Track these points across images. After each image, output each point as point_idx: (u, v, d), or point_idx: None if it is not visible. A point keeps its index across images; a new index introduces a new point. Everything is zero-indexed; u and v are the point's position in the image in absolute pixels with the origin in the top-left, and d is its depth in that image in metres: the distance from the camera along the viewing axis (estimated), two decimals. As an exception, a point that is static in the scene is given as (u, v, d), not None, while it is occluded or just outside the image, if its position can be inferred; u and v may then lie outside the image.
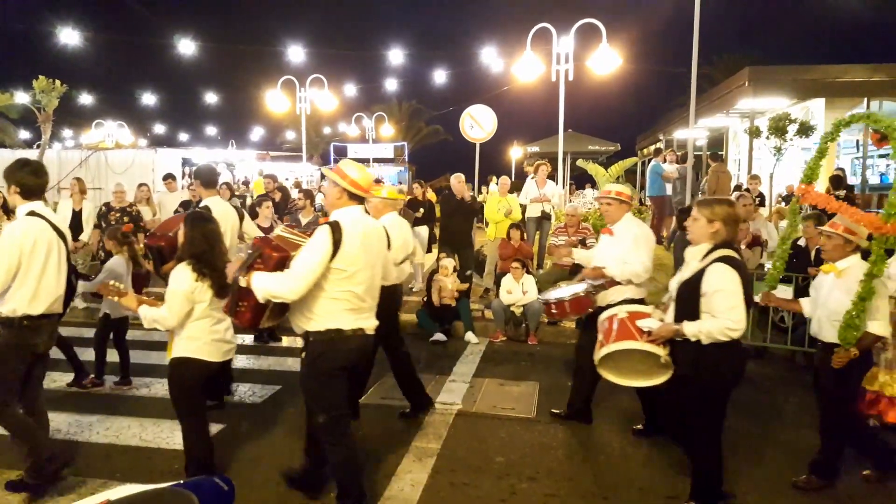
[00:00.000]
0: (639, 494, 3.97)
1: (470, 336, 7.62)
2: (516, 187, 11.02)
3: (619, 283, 4.59)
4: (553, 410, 5.17)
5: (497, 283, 8.30)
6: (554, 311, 4.81)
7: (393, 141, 34.91)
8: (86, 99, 27.33)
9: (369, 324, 3.55)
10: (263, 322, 3.54)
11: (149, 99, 27.17)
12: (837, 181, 10.48)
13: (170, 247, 4.44)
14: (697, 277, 3.43)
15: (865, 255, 3.87)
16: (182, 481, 1.80)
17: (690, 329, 3.42)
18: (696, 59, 10.49)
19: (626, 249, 4.58)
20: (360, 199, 3.52)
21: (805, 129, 13.00)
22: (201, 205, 5.57)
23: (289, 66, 19.65)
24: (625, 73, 15.30)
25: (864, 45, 45.94)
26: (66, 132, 32.97)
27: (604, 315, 4.13)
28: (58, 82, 12.44)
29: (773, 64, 19.78)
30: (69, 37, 16.96)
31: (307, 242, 3.41)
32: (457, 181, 8.78)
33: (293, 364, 6.48)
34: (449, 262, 7.90)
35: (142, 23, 59.45)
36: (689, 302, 3.46)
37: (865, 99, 15.53)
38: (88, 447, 4.57)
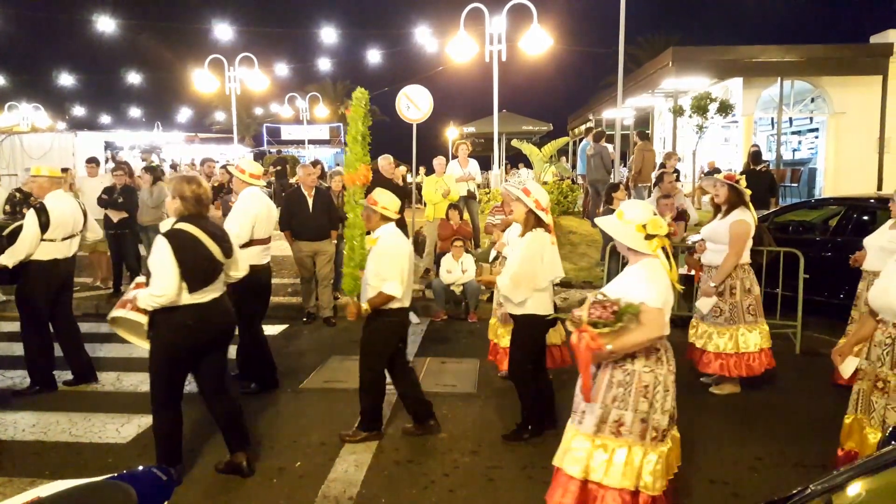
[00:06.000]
0: (575, 461, 4.14)
1: (411, 316, 7.64)
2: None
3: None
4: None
5: (437, 264, 8.36)
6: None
7: (328, 122, 34.27)
8: (-3, 80, 25.56)
9: None
10: None
11: (66, 80, 25.67)
12: (756, 156, 11.04)
13: None
14: None
15: None
16: (118, 473, 1.77)
17: (139, 296, 3.60)
18: (623, 40, 10.76)
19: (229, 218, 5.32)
20: None
21: (724, 108, 13.60)
22: None
23: (216, 44, 18.96)
24: (556, 53, 15.54)
25: (779, 27, 48.30)
26: (-26, 116, 30.74)
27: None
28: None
29: (694, 45, 20.49)
30: (-28, 12, 15.76)
31: None
32: (386, 162, 8.70)
33: (231, 352, 6.35)
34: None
35: (57, -3, 55.42)
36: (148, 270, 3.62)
37: (779, 78, 16.33)
38: (14, 445, 4.38)
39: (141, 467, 1.80)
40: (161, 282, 3.48)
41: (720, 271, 5.00)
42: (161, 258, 3.50)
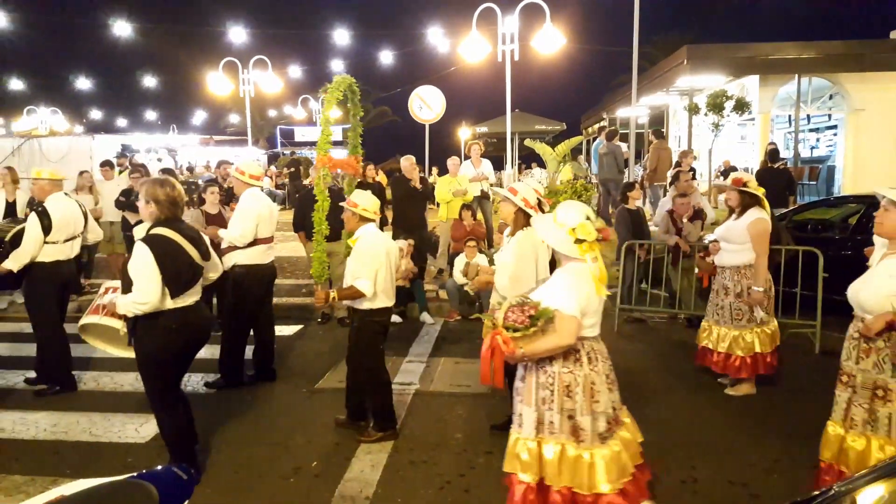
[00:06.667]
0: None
1: (425, 316, 7.68)
2: None
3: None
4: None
5: (450, 264, 8.36)
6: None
7: (341, 123, 34.37)
8: (16, 84, 26.01)
9: None
10: None
11: (84, 84, 26.04)
12: (774, 154, 10.91)
13: None
14: None
15: None
16: (139, 472, 1.79)
17: (119, 303, 3.58)
18: (637, 38, 10.70)
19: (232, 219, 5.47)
20: None
21: (741, 106, 13.45)
22: None
23: (231, 47, 19.13)
24: (569, 52, 15.46)
25: (796, 23, 47.72)
26: (-5, 120, 31.26)
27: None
28: (-18, 67, 11.76)
29: (709, 42, 20.29)
30: (-5, 18, 16.07)
31: None
32: (408, 163, 8.70)
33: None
34: (403, 244, 7.91)
35: (75, 3, 56.12)
36: (127, 277, 3.57)
37: (796, 75, 16.13)
38: (36, 444, 4.45)
39: (161, 466, 1.82)
40: (144, 288, 3.45)
41: (757, 274, 4.94)
42: (143, 265, 3.46)
